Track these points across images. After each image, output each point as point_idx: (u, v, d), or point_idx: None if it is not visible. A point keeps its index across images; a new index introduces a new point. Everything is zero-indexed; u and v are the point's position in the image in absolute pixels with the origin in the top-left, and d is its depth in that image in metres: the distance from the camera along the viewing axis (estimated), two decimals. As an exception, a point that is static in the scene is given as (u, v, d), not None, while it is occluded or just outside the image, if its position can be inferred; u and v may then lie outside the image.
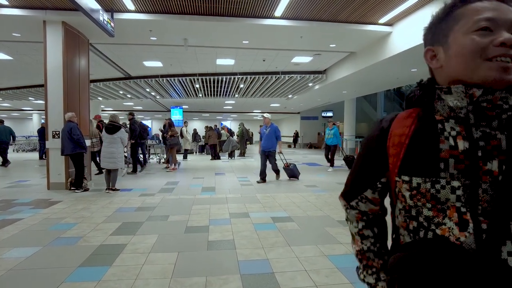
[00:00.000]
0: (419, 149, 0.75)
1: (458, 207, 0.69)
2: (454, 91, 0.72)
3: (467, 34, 0.71)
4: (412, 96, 0.83)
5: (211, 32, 8.00)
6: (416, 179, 0.74)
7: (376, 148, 0.85)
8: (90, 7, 5.58)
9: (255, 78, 13.42)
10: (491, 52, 0.68)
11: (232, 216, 5.01)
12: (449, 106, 0.74)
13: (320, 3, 6.55)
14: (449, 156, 0.71)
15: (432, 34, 0.80)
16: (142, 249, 3.64)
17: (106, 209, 5.46)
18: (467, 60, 0.70)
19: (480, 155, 0.68)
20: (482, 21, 0.70)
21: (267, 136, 7.96)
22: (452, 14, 0.75)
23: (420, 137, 0.75)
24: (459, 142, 0.71)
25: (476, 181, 0.68)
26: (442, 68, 0.76)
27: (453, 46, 0.73)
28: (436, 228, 0.71)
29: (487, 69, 0.68)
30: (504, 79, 0.67)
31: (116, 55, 10.29)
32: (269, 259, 3.31)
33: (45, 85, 7.06)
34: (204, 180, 8.62)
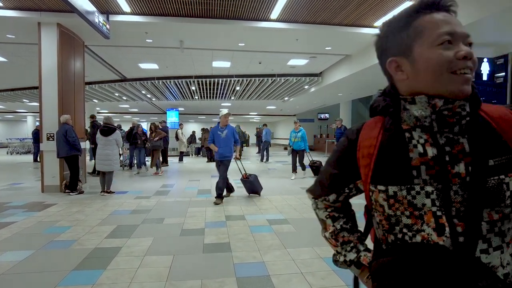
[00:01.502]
0: (390, 158, 0.77)
1: (434, 212, 0.72)
2: (418, 102, 0.75)
3: (432, 48, 0.73)
4: (377, 106, 0.85)
5: (207, 35, 8.00)
6: (392, 188, 0.76)
7: (345, 158, 0.88)
8: (85, 9, 5.56)
9: (251, 80, 13.43)
10: (455, 65, 0.72)
11: (228, 218, 4.99)
12: (414, 116, 0.77)
13: (316, 6, 6.58)
14: (420, 163, 0.74)
15: (391, 44, 0.80)
16: (137, 252, 3.61)
17: (101, 212, 5.42)
18: (435, 73, 0.73)
19: (448, 159, 0.72)
20: (444, 35, 0.72)
21: (224, 141, 6.12)
22: (411, 26, 0.76)
23: (390, 147, 0.78)
24: (427, 149, 0.74)
25: (447, 184, 0.72)
26: (408, 80, 0.78)
27: (420, 60, 0.75)
28: (417, 234, 0.74)
29: (453, 82, 0.72)
30: (467, 90, 0.73)
31: (111, 57, 10.25)
32: (265, 262, 3.30)
33: (40, 87, 7.02)
34: (200, 182, 8.59)
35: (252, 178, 6.76)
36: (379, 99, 0.85)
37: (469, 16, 5.51)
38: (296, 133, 9.25)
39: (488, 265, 0.70)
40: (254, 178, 6.80)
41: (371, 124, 0.84)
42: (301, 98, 17.60)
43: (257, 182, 6.81)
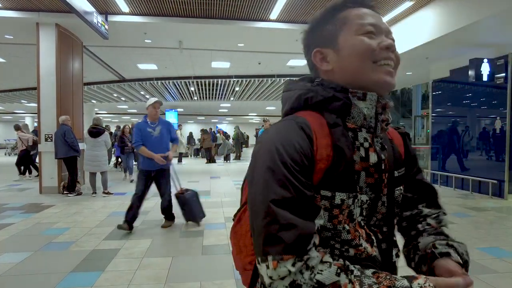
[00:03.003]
0: (340, 161, 0.66)
1: (360, 222, 0.69)
2: (368, 98, 0.70)
3: (357, 36, 0.71)
4: (310, 97, 0.71)
5: (206, 35, 7.98)
6: (340, 195, 0.65)
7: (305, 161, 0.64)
8: (83, 10, 5.54)
9: (251, 81, 13.40)
10: (378, 54, 0.70)
11: (227, 220, 4.96)
12: (363, 114, 0.70)
13: (315, 6, 6.56)
14: (361, 169, 0.68)
15: (317, 37, 0.78)
16: (135, 253, 3.59)
17: (99, 213, 5.39)
18: (359, 60, 0.70)
19: (383, 168, 0.72)
20: (368, 26, 0.71)
21: (157, 141, 4.37)
22: (337, 17, 0.75)
23: (340, 148, 0.66)
24: (371, 154, 0.70)
25: (378, 194, 0.71)
26: (333, 71, 0.74)
27: (345, 47, 0.72)
28: (350, 248, 0.67)
29: (376, 72, 0.70)
30: (391, 83, 0.70)
31: (110, 57, 10.23)
32: (265, 264, 3.27)
33: (38, 87, 6.99)
34: (199, 184, 8.55)
35: (189, 195, 4.61)
36: (316, 88, 0.72)
37: (469, 16, 5.49)
38: None
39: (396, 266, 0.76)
40: (191, 196, 4.64)
41: (316, 120, 0.69)
42: (301, 99, 17.58)
43: (195, 204, 4.64)
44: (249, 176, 0.68)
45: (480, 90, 7.44)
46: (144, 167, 4.39)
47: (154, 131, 4.38)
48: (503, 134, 6.73)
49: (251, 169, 0.68)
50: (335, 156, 0.65)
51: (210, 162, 14.88)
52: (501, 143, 6.79)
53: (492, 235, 4.31)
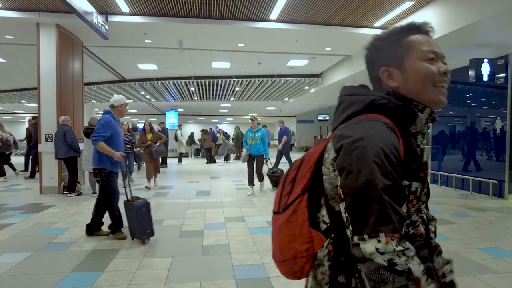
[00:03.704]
0: (411, 157, 0.82)
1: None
2: (425, 112, 0.87)
3: (421, 62, 0.86)
4: (384, 103, 0.84)
5: (206, 35, 7.98)
6: (415, 184, 0.83)
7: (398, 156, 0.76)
8: (84, 10, 5.54)
9: (251, 81, 13.40)
10: (437, 79, 0.85)
11: (227, 220, 4.96)
12: (423, 123, 0.88)
13: (316, 6, 6.56)
14: (420, 165, 0.85)
15: (383, 56, 0.91)
16: (135, 254, 3.58)
17: (99, 213, 5.38)
18: (422, 83, 0.85)
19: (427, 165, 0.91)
20: (430, 53, 0.86)
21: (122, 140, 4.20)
22: (403, 41, 0.89)
23: (411, 147, 0.83)
24: (424, 153, 0.87)
25: (424, 185, 0.86)
26: (398, 87, 0.88)
27: (410, 70, 0.87)
28: (412, 229, 0.84)
29: (435, 93, 0.86)
30: (445, 102, 0.87)
31: (110, 57, 10.22)
32: (265, 264, 3.27)
33: (38, 88, 6.98)
34: (199, 184, 8.56)
35: (139, 204, 3.84)
36: (389, 98, 0.85)
37: (469, 16, 5.49)
38: (253, 133, 7.12)
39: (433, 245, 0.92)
40: (140, 205, 3.84)
41: (390, 124, 0.82)
42: (301, 99, 17.58)
43: (144, 216, 3.84)
44: (348, 167, 0.75)
45: (480, 90, 7.43)
46: (112, 168, 4.00)
47: (121, 131, 4.22)
48: (503, 134, 6.72)
49: (356, 160, 0.74)
50: (406, 153, 0.80)
51: (210, 162, 14.87)
52: (501, 143, 6.79)
53: (492, 235, 4.30)
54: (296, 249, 0.89)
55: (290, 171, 0.98)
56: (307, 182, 0.90)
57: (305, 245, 0.88)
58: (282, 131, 10.14)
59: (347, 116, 0.88)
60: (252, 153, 7.10)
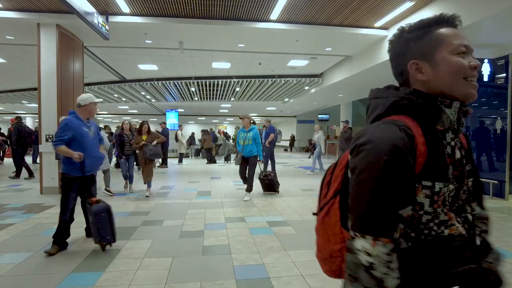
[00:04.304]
0: (436, 156, 0.81)
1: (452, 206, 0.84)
2: (453, 106, 0.85)
3: (453, 56, 0.84)
4: (405, 103, 0.85)
5: (207, 36, 7.98)
6: (439, 184, 0.80)
7: (410, 156, 0.77)
8: (84, 10, 5.54)
9: (251, 81, 13.40)
10: (467, 73, 0.84)
11: (227, 220, 4.96)
12: (450, 119, 0.85)
13: (316, 6, 6.56)
14: (450, 163, 0.82)
15: (413, 48, 0.89)
16: (136, 254, 3.58)
17: (100, 213, 5.38)
18: (454, 76, 0.84)
19: (464, 162, 0.87)
20: (462, 47, 0.84)
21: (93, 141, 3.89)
22: (433, 34, 0.87)
23: (434, 146, 0.81)
24: (456, 151, 0.85)
25: (461, 184, 0.85)
26: (428, 81, 0.87)
27: (441, 63, 0.85)
28: (445, 229, 0.80)
29: (467, 87, 0.84)
30: (475, 95, 0.85)
31: (111, 58, 10.23)
32: (265, 264, 3.27)
33: (39, 88, 6.99)
34: (199, 184, 8.56)
35: (97, 208, 3.64)
36: (409, 97, 0.85)
37: (470, 16, 5.49)
38: (245, 132, 6.58)
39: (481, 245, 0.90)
40: (99, 209, 3.64)
41: (410, 122, 0.82)
42: (301, 99, 17.58)
43: (103, 221, 3.61)
44: (353, 168, 0.81)
45: (481, 90, 7.42)
46: (71, 172, 3.70)
47: (90, 131, 3.79)
48: (503, 135, 6.72)
49: (360, 161, 0.79)
50: (430, 152, 0.79)
51: (210, 162, 14.87)
52: (501, 143, 6.78)
53: (493, 236, 4.27)
54: (330, 249, 0.94)
55: (326, 173, 1.02)
56: (338, 184, 0.94)
57: (338, 245, 0.92)
58: (268, 129, 10.13)
59: (372, 120, 0.90)
60: (244, 154, 6.55)
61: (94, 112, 3.89)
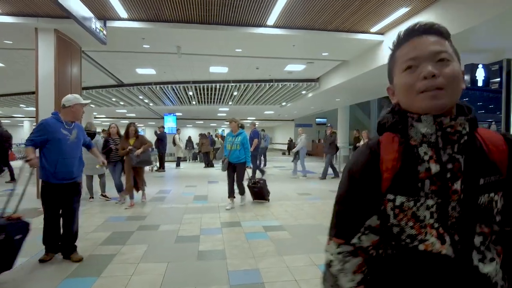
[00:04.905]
0: (405, 171, 0.80)
1: (432, 224, 0.77)
2: (424, 120, 0.81)
3: (400, 74, 0.85)
4: (385, 122, 0.90)
5: (204, 40, 8.03)
6: (400, 198, 0.79)
7: (370, 171, 0.83)
8: (82, 15, 5.57)
9: (249, 86, 13.45)
10: (420, 87, 0.80)
11: (223, 225, 4.97)
12: (421, 133, 0.82)
13: (313, 12, 6.61)
14: (425, 178, 0.79)
15: (388, 73, 0.93)
16: (131, 259, 3.59)
17: (96, 218, 5.40)
18: (405, 95, 0.84)
19: (449, 176, 0.78)
20: (408, 61, 0.82)
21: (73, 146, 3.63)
22: (392, 58, 0.90)
23: (406, 161, 0.81)
24: (432, 165, 0.79)
25: (446, 200, 0.77)
26: (398, 103, 0.89)
27: (396, 84, 0.88)
28: (419, 244, 0.78)
29: (420, 101, 0.80)
30: (436, 104, 0.78)
31: (109, 62, 10.26)
32: (260, 269, 3.28)
33: (36, 92, 7.00)
34: (196, 188, 8.56)
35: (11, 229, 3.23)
36: (388, 116, 0.90)
37: (464, 23, 5.54)
38: (233, 137, 6.26)
39: (487, 276, 0.75)
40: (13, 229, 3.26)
41: (388, 139, 0.86)
42: (299, 103, 17.63)
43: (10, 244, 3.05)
44: None
45: (476, 94, 7.49)
46: (47, 178, 3.47)
47: (70, 135, 3.53)
48: (499, 139, 6.76)
49: None
50: (401, 167, 0.80)
51: (208, 166, 14.87)
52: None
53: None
54: None
55: None
56: None
57: None
58: (252, 134, 9.93)
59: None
60: (231, 160, 6.14)
61: (80, 114, 3.64)
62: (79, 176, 3.77)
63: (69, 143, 3.51)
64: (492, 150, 0.81)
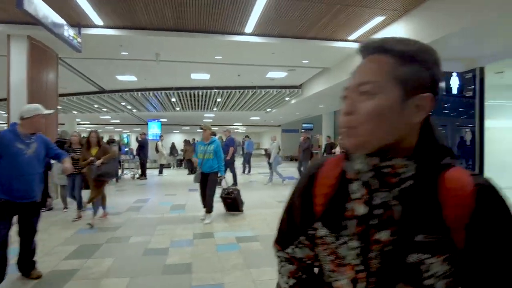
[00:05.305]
0: (335, 203, 0.75)
1: (355, 265, 0.71)
2: (352, 158, 0.74)
3: None
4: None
5: (183, 48, 7.97)
6: (323, 230, 0.75)
7: (305, 195, 0.81)
8: (53, 22, 5.46)
9: (232, 92, 13.42)
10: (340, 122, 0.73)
11: (196, 236, 4.88)
12: (354, 169, 0.73)
13: (289, 20, 6.62)
14: (351, 217, 0.71)
15: None
16: (94, 274, 3.48)
17: (66, 230, 5.25)
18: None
19: (374, 223, 0.68)
20: (343, 91, 0.75)
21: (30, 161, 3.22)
22: None
23: (339, 192, 0.75)
24: (359, 205, 0.71)
25: (367, 247, 0.69)
26: None
27: None
28: (334, 281, 0.75)
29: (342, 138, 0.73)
30: (349, 143, 0.70)
31: (88, 69, 10.10)
32: (224, 284, 3.21)
33: (8, 100, 6.83)
34: (176, 197, 8.43)
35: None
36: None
37: (438, 31, 5.60)
38: (205, 145, 5.85)
39: None
40: None
41: (332, 164, 0.81)
42: (283, 109, 17.67)
43: None
44: None
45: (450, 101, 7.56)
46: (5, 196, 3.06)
47: (28, 149, 3.18)
48: (473, 145, 6.85)
49: None
50: (333, 198, 0.75)
51: (192, 173, 14.70)
52: (471, 153, 6.91)
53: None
54: None
55: None
56: None
57: None
58: (228, 141, 9.82)
59: None
60: (204, 170, 5.76)
61: (40, 125, 3.30)
62: (38, 195, 3.33)
63: (27, 157, 3.17)
64: (448, 204, 0.65)
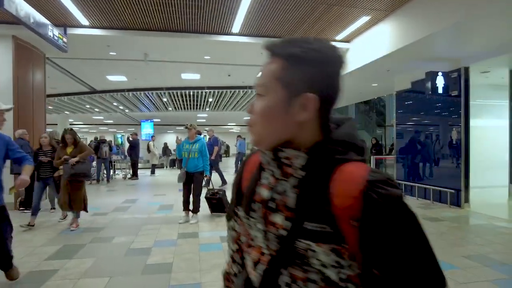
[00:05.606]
0: (250, 187, 0.83)
1: (261, 247, 0.76)
2: (257, 150, 0.86)
3: None
4: None
5: (171, 47, 7.97)
6: (240, 212, 0.83)
7: (237, 177, 0.93)
8: (36, 22, 5.43)
9: (223, 92, 13.42)
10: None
11: (180, 236, 4.88)
12: (263, 160, 0.80)
13: (276, 20, 6.64)
14: (259, 201, 0.78)
15: None
16: (73, 274, 3.47)
17: (51, 230, 5.23)
18: None
19: (270, 206, 0.75)
20: None
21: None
22: None
23: (255, 178, 0.83)
24: (264, 190, 0.78)
25: (265, 229, 0.75)
26: None
27: None
28: (246, 259, 0.82)
29: None
30: (251, 140, 0.78)
31: (77, 69, 10.06)
32: (202, 283, 3.22)
33: (-7, 101, 6.78)
34: (165, 197, 8.42)
35: None
36: None
37: (422, 31, 5.63)
38: (190, 144, 5.76)
39: None
40: None
41: (259, 153, 0.85)
42: (276, 109, 17.67)
43: None
44: None
45: (437, 101, 7.62)
46: None
47: None
48: (459, 144, 6.91)
49: None
50: (250, 183, 0.83)
51: (184, 173, 14.70)
52: (457, 152, 6.97)
53: (438, 246, 4.37)
54: None
55: None
56: None
57: None
58: (212, 141, 9.86)
59: None
60: (188, 169, 5.70)
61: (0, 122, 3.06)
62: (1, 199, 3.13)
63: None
64: (336, 194, 0.67)
